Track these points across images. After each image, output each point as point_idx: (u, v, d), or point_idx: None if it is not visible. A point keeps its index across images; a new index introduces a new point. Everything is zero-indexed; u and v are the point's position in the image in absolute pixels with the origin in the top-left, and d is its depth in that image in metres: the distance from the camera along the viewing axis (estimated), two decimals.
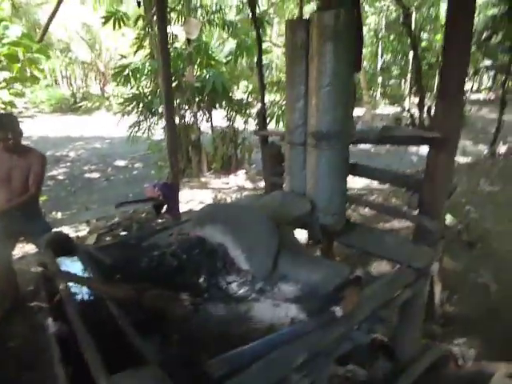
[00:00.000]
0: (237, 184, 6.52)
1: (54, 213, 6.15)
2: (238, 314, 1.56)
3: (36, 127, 16.57)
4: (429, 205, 2.16)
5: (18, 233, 3.13)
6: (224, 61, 8.56)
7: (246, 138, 7.83)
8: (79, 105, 22.13)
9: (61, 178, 9.85)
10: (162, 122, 7.66)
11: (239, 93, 9.76)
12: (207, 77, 7.29)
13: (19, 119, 3.09)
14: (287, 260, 1.81)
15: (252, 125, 7.97)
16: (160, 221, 5.47)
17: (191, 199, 5.93)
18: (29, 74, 5.89)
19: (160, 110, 7.50)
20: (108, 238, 4.98)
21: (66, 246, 1.86)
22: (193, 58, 7.26)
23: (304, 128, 2.23)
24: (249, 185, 6.48)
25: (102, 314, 1.38)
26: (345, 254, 4.02)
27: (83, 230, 5.43)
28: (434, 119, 2.24)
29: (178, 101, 7.46)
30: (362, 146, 7.70)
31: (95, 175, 10.33)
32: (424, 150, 2.23)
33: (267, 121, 3.99)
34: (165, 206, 4.37)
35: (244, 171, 7.22)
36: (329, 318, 1.42)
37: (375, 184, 6.06)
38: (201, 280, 1.71)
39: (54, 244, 1.82)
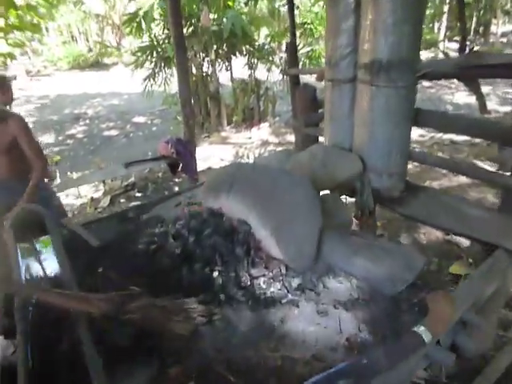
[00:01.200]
0: (260, 138, 5.93)
1: (69, 173, 5.83)
2: (267, 327, 1.08)
3: (54, 85, 16.18)
4: None
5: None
6: (243, 3, 7.66)
7: (268, 87, 7.11)
8: (96, 61, 21.56)
9: (80, 136, 9.56)
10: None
11: (260, 40, 8.90)
12: (225, 19, 6.49)
13: (37, 78, 2.59)
14: (335, 244, 1.29)
15: (276, 74, 7.20)
16: (177, 180, 5.04)
17: (210, 156, 5.42)
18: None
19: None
20: (122, 200, 4.60)
21: (37, 224, 1.40)
22: None
23: (353, 58, 1.62)
24: (273, 139, 5.87)
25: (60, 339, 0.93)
26: (385, 216, 3.45)
27: (100, 191, 5.08)
28: None
29: (194, 48, 6.75)
30: None
31: (114, 132, 9.97)
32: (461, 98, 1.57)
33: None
34: (180, 164, 3.91)
35: (267, 124, 6.59)
36: (410, 346, 0.91)
37: (437, 136, 5.22)
38: (215, 274, 1.22)
39: (21, 223, 1.36)
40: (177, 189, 4.63)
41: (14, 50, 4.99)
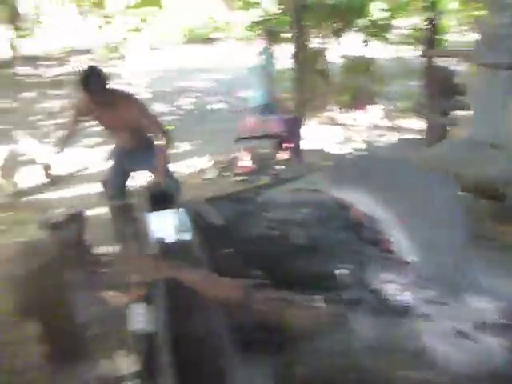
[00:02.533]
0: (369, 121, 5.61)
1: (179, 143, 6.20)
2: (395, 339, 0.99)
3: (168, 58, 17.24)
4: None
5: (133, 166, 3.03)
6: None
7: (381, 66, 6.63)
8: (207, 35, 22.34)
9: (189, 108, 10.08)
10: (286, 49, 6.94)
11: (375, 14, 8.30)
12: None
13: (151, 50, 2.79)
14: (480, 257, 1.13)
15: (389, 51, 6.69)
16: (281, 158, 5.03)
17: (317, 136, 5.30)
18: None
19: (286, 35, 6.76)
20: (228, 173, 4.75)
21: (165, 201, 1.48)
22: None
23: None
24: (385, 123, 5.51)
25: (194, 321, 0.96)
26: None
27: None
28: None
29: (307, 23, 6.57)
30: None
31: (221, 106, 10.34)
32: None
33: None
34: (286, 143, 3.87)
35: (379, 106, 6.18)
36: None
37: None
38: (341, 272, 1.16)
39: (152, 198, 1.45)
40: (280, 168, 4.64)
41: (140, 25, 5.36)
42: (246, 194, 1.74)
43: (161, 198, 1.46)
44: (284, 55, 6.88)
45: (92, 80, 2.49)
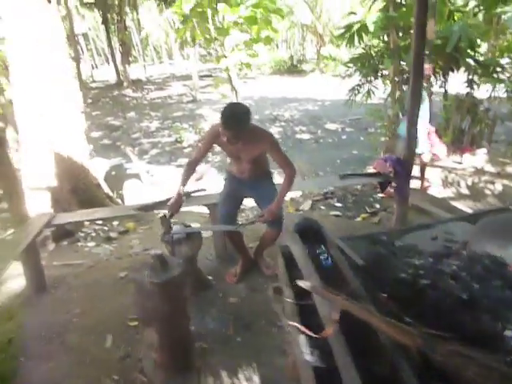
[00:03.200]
0: (473, 165, 5.33)
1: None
2: None
3: (257, 88, 18.08)
4: None
5: (244, 194, 3.15)
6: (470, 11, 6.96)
7: (489, 108, 6.31)
8: (295, 67, 23.07)
9: (276, 136, 10.42)
10: (384, 86, 6.92)
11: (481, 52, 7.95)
12: (451, 31, 6.03)
13: (244, 80, 2.94)
14: None
15: (499, 93, 6.34)
16: (377, 197, 4.97)
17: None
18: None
19: (385, 72, 6.77)
20: (322, 207, 4.80)
21: (315, 234, 1.56)
22: (436, 8, 6.07)
23: None
24: (490, 168, 5.20)
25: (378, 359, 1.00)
26: None
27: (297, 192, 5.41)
28: None
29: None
30: None
31: (306, 136, 10.55)
32: None
33: None
34: (391, 183, 3.83)
35: (484, 150, 5.86)
36: None
37: None
38: (507, 332, 1.13)
39: (303, 230, 1.54)
40: (378, 206, 4.60)
41: (250, 60, 5.75)
42: (382, 237, 1.77)
43: (310, 231, 1.55)
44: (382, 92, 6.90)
45: (230, 115, 2.47)
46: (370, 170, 5.05)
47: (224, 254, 3.59)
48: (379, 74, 6.80)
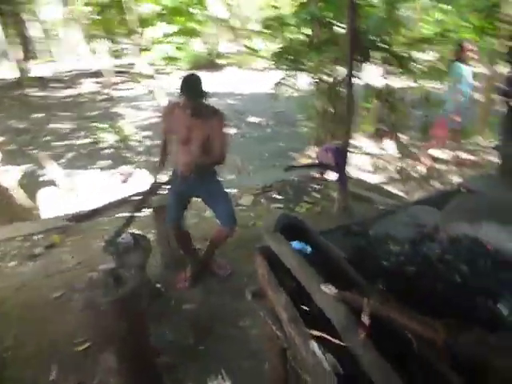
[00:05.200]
0: (395, 150, 5.71)
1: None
2: None
3: (175, 83, 17.47)
4: None
5: (192, 194, 3.01)
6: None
7: (403, 97, 6.81)
8: (211, 62, 22.74)
9: None
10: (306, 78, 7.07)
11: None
12: (367, 25, 6.37)
13: (159, 75, 2.88)
14: None
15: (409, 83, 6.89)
16: (316, 186, 5.07)
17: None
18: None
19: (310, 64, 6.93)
20: (263, 200, 4.77)
21: (298, 231, 1.48)
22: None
23: None
24: (411, 152, 5.62)
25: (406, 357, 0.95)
26: None
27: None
28: None
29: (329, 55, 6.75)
30: None
31: (232, 132, 10.44)
32: None
33: None
34: (331, 172, 3.93)
35: (403, 136, 6.30)
36: None
37: None
38: (503, 306, 1.17)
39: (286, 228, 1.45)
40: (317, 195, 4.68)
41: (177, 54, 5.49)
42: (355, 227, 1.76)
43: (293, 229, 1.47)
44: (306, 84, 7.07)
45: (192, 85, 2.56)
46: (306, 160, 5.16)
47: (171, 259, 3.38)
48: (303, 67, 6.96)
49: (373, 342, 0.96)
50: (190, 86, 2.57)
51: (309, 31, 6.75)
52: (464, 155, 5.65)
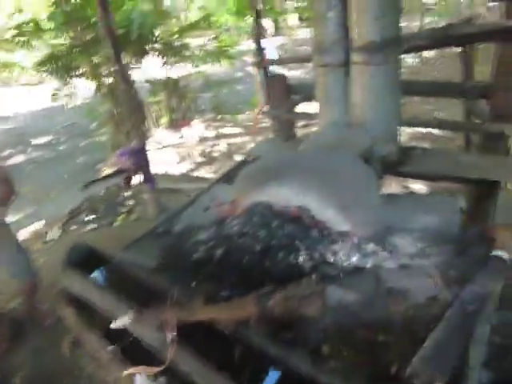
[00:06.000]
0: (195, 135, 5.87)
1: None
2: (372, 290, 1.20)
3: None
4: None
5: None
6: None
7: (187, 84, 7.01)
8: None
9: None
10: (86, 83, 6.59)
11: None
12: (131, 20, 6.21)
13: None
14: (389, 207, 1.45)
15: (185, 69, 7.10)
16: (129, 193, 4.78)
17: (154, 161, 5.26)
18: None
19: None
20: (74, 227, 4.27)
21: (94, 260, 1.33)
22: None
23: (344, 43, 1.78)
24: (210, 133, 5.85)
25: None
26: None
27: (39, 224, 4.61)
28: None
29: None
30: None
31: (19, 159, 9.00)
32: None
33: None
34: (136, 175, 3.74)
35: (196, 121, 6.51)
36: (498, 267, 1.12)
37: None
38: (303, 258, 1.30)
39: (80, 260, 1.29)
40: (130, 202, 4.45)
41: None
42: (159, 228, 1.69)
43: (87, 258, 1.30)
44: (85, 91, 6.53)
45: None
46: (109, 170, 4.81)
47: None
48: (75, 73, 6.40)
49: (198, 348, 0.93)
50: None
51: (71, 33, 6.18)
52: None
